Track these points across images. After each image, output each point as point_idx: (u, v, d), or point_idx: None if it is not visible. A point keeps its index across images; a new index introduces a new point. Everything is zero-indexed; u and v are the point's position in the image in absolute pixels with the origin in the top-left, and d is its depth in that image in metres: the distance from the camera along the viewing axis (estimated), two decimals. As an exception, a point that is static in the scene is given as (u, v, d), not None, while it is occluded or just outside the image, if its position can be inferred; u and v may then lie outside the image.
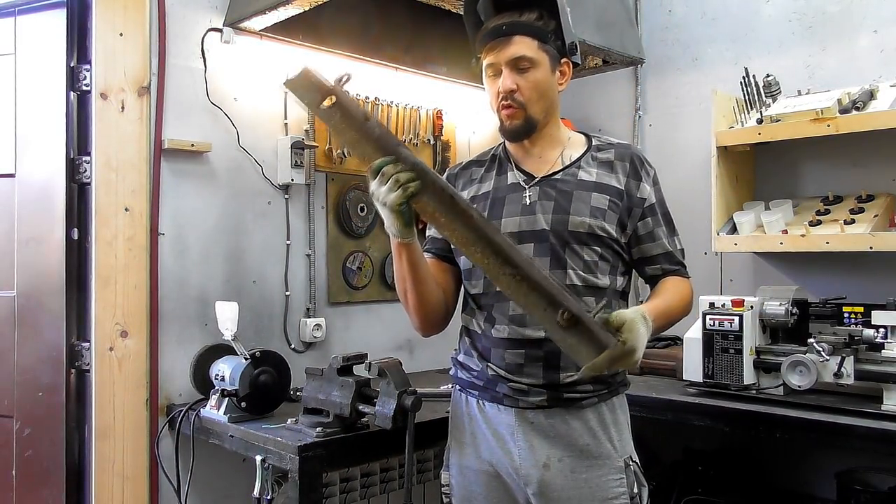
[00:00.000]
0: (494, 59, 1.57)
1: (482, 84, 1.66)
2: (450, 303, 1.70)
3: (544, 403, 1.55)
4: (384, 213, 1.43)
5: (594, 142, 1.68)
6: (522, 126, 1.60)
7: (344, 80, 1.30)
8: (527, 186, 1.62)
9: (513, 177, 1.65)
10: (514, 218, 1.60)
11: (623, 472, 1.56)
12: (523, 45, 1.55)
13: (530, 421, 1.56)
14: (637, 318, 1.37)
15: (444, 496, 1.71)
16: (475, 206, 1.61)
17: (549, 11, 1.58)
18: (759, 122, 2.50)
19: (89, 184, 2.22)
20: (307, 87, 1.26)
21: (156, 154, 2.31)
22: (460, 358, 1.71)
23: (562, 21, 1.59)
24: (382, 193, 1.36)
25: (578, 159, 1.64)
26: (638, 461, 1.61)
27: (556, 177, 1.62)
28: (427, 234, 1.76)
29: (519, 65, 1.55)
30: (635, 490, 1.57)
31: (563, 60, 1.62)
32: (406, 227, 1.44)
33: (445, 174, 1.79)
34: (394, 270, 1.59)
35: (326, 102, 1.25)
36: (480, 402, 1.64)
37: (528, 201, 1.60)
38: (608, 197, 1.59)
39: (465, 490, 1.65)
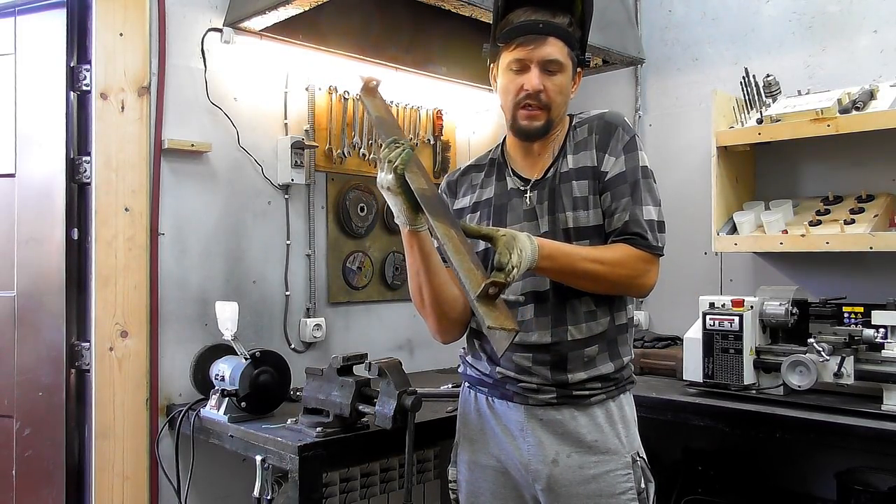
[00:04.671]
0: (525, 56, 1.54)
1: (485, 79, 1.64)
2: (467, 302, 1.64)
3: (554, 401, 1.56)
4: (390, 201, 1.48)
5: (573, 121, 1.65)
6: (542, 128, 1.58)
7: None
8: (526, 189, 1.62)
9: (511, 182, 1.65)
10: (517, 224, 1.59)
11: (630, 467, 1.57)
12: (556, 48, 1.53)
13: (539, 417, 1.57)
14: (520, 234, 1.40)
15: (451, 492, 1.71)
16: (479, 212, 1.66)
17: (579, 21, 1.57)
18: (759, 122, 2.50)
19: (89, 184, 2.22)
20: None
21: (156, 154, 2.31)
22: (469, 358, 1.70)
23: (587, 34, 1.59)
24: (382, 179, 1.45)
25: (562, 147, 1.62)
26: (645, 457, 1.62)
27: (547, 176, 1.61)
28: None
29: (549, 67, 1.54)
30: (642, 485, 1.58)
31: (578, 70, 1.62)
32: (412, 211, 1.47)
33: (445, 180, 1.78)
34: (407, 269, 1.58)
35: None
36: (490, 398, 1.64)
37: (527, 205, 1.60)
38: (587, 181, 1.57)
39: (473, 486, 1.65)
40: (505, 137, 1.72)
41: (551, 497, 1.56)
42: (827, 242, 2.32)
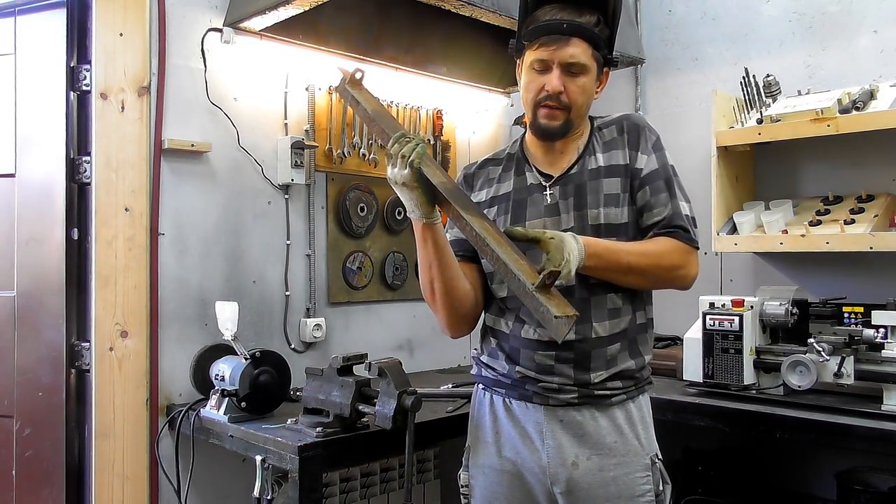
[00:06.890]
0: (547, 56, 1.53)
1: (485, 79, 1.63)
2: (479, 298, 1.65)
3: (575, 401, 1.54)
4: (403, 196, 1.48)
5: (596, 122, 1.66)
6: (561, 128, 1.58)
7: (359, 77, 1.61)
8: (547, 185, 1.60)
9: (532, 177, 1.63)
10: (538, 220, 1.58)
11: (649, 469, 1.56)
12: (580, 49, 1.52)
13: (560, 418, 1.55)
14: (566, 235, 1.43)
15: (462, 497, 1.69)
16: (496, 206, 1.65)
17: (606, 19, 1.55)
18: (759, 122, 2.50)
19: (89, 184, 2.22)
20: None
21: (156, 154, 2.31)
22: (484, 358, 1.68)
23: (615, 33, 1.58)
24: (396, 175, 1.45)
25: (586, 146, 1.62)
26: (662, 458, 1.61)
27: (572, 172, 1.60)
28: (448, 237, 1.69)
29: (571, 68, 1.53)
30: (660, 487, 1.57)
31: (605, 69, 1.61)
32: (428, 205, 1.48)
33: (462, 173, 1.77)
34: (419, 262, 1.57)
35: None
36: (507, 400, 1.61)
37: (549, 201, 1.59)
38: (618, 178, 1.58)
39: (487, 491, 1.63)
40: (524, 133, 1.71)
41: (570, 500, 1.54)
42: (827, 242, 2.32)
